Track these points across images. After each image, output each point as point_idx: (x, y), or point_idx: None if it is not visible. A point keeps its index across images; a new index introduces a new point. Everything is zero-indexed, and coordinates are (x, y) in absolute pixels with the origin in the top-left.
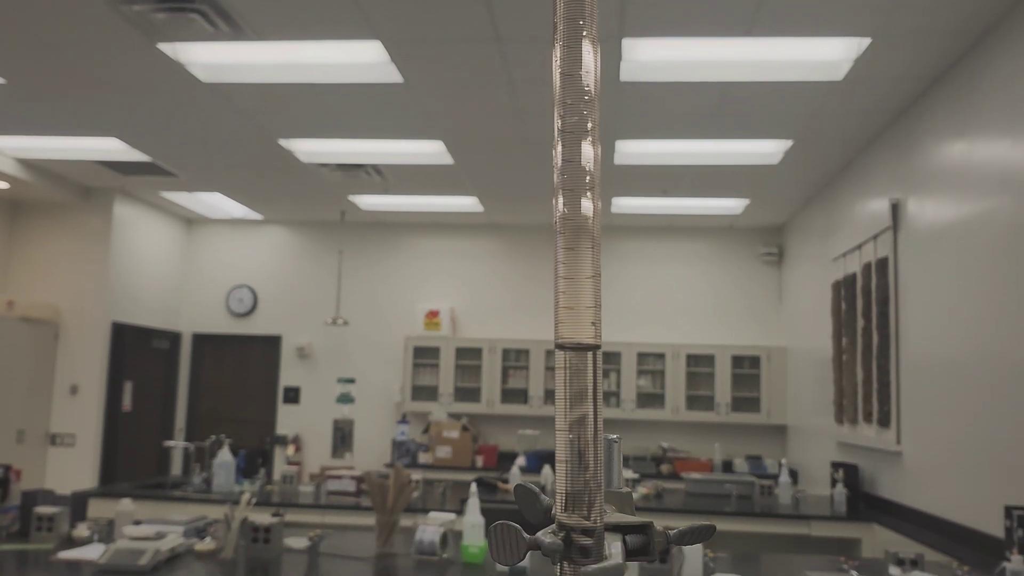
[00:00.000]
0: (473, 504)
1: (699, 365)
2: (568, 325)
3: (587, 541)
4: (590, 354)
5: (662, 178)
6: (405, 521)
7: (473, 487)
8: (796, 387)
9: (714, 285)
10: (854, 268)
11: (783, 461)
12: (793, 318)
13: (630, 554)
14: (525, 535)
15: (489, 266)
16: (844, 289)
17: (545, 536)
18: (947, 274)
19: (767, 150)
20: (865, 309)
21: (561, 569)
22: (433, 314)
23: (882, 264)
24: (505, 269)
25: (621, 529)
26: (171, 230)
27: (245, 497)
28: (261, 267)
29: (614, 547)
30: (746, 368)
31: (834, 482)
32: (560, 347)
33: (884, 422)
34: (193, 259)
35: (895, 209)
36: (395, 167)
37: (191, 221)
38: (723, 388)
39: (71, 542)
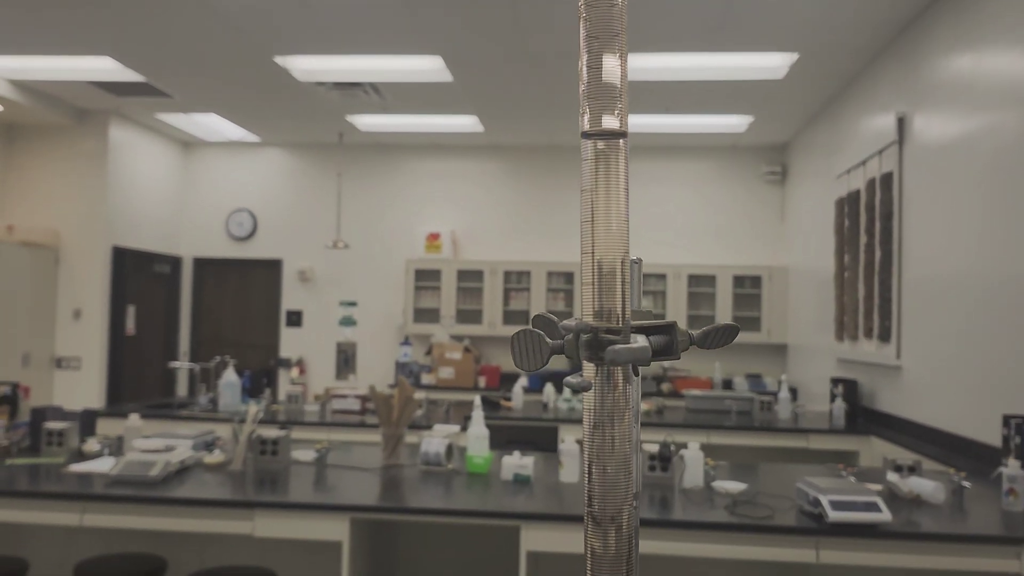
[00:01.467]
0: (478, 416)
1: (700, 285)
2: (593, 114)
3: (614, 337)
4: (618, 142)
5: (665, 94)
6: (410, 438)
7: (477, 400)
8: (797, 306)
9: (716, 205)
10: (858, 184)
11: (783, 378)
12: (795, 237)
13: (655, 354)
14: (548, 340)
15: (490, 188)
16: (847, 206)
17: (571, 321)
18: (951, 188)
19: (772, 64)
20: (868, 225)
21: (597, 371)
22: (434, 236)
23: (886, 179)
24: (506, 191)
25: (645, 330)
26: (168, 153)
27: (253, 410)
28: (260, 190)
29: (639, 339)
30: (747, 288)
31: (833, 397)
32: (587, 136)
33: (884, 337)
34: (191, 182)
35: (901, 123)
36: (393, 85)
37: (188, 144)
38: (724, 308)
39: (81, 456)
